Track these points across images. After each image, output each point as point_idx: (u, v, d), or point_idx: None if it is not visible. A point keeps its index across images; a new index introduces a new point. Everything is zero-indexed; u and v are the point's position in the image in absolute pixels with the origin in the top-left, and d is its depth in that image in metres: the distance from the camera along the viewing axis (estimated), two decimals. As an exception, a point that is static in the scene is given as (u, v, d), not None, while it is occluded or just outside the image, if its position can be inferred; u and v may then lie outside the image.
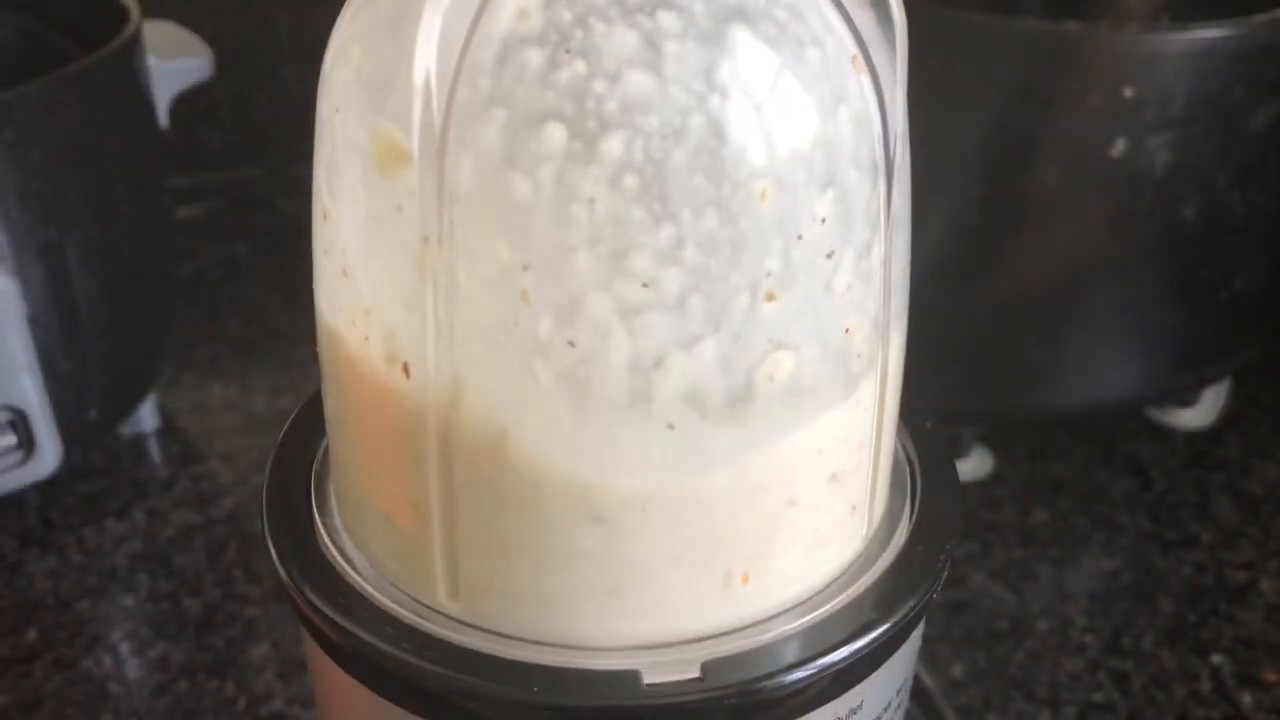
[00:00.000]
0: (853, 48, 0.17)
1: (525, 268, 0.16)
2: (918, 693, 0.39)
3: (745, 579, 0.18)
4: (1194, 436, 0.55)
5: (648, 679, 0.18)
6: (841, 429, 0.18)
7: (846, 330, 0.18)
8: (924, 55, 0.47)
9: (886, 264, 0.18)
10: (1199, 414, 0.55)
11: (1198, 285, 0.48)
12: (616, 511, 0.17)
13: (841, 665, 0.18)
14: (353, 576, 0.19)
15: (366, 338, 0.18)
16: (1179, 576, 0.47)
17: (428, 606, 0.19)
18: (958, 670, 0.43)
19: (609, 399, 0.16)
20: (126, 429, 0.54)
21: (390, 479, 0.19)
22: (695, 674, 0.18)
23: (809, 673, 0.18)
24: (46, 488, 0.50)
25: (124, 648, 0.44)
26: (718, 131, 0.16)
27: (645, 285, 0.16)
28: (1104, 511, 0.50)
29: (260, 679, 0.42)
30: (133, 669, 0.43)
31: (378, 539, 0.19)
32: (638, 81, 0.15)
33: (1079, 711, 0.41)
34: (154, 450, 0.53)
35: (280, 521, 0.20)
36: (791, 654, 0.18)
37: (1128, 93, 0.43)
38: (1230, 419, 0.55)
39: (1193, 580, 0.47)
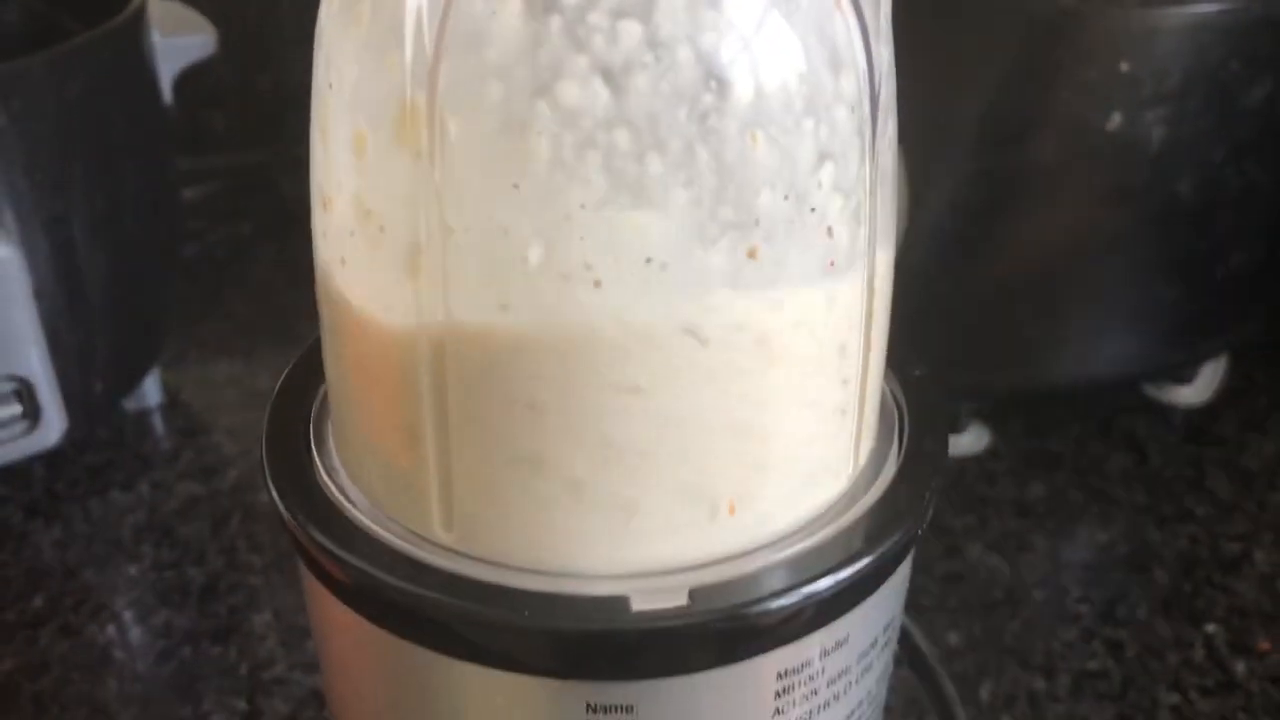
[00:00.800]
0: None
1: (515, 185, 0.16)
2: (914, 659, 0.39)
3: (732, 509, 0.19)
4: (1191, 413, 0.55)
5: (636, 605, 0.18)
6: (826, 361, 0.19)
7: (831, 264, 0.18)
8: (924, 30, 0.47)
9: (874, 189, 0.18)
10: (1196, 391, 0.56)
11: (1194, 260, 0.49)
12: (606, 440, 0.18)
13: (826, 595, 0.19)
14: (351, 511, 0.20)
15: (359, 276, 0.18)
16: (1174, 549, 0.47)
17: (423, 538, 0.19)
18: (954, 638, 0.43)
19: (597, 323, 0.17)
20: (131, 404, 0.54)
21: (385, 414, 0.19)
22: (683, 601, 0.18)
23: (793, 600, 0.18)
24: (52, 460, 0.51)
25: (128, 615, 0.44)
26: (706, 62, 0.16)
27: (635, 204, 0.16)
28: (1100, 486, 0.50)
29: (263, 646, 0.43)
30: (137, 636, 0.44)
31: (374, 475, 0.20)
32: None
33: (1073, 679, 0.42)
34: (158, 424, 0.54)
35: (280, 462, 0.21)
36: (777, 582, 0.18)
37: (1124, 67, 0.43)
38: (1227, 396, 0.56)
39: (1187, 552, 0.47)
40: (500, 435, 0.18)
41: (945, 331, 0.49)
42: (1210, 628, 0.44)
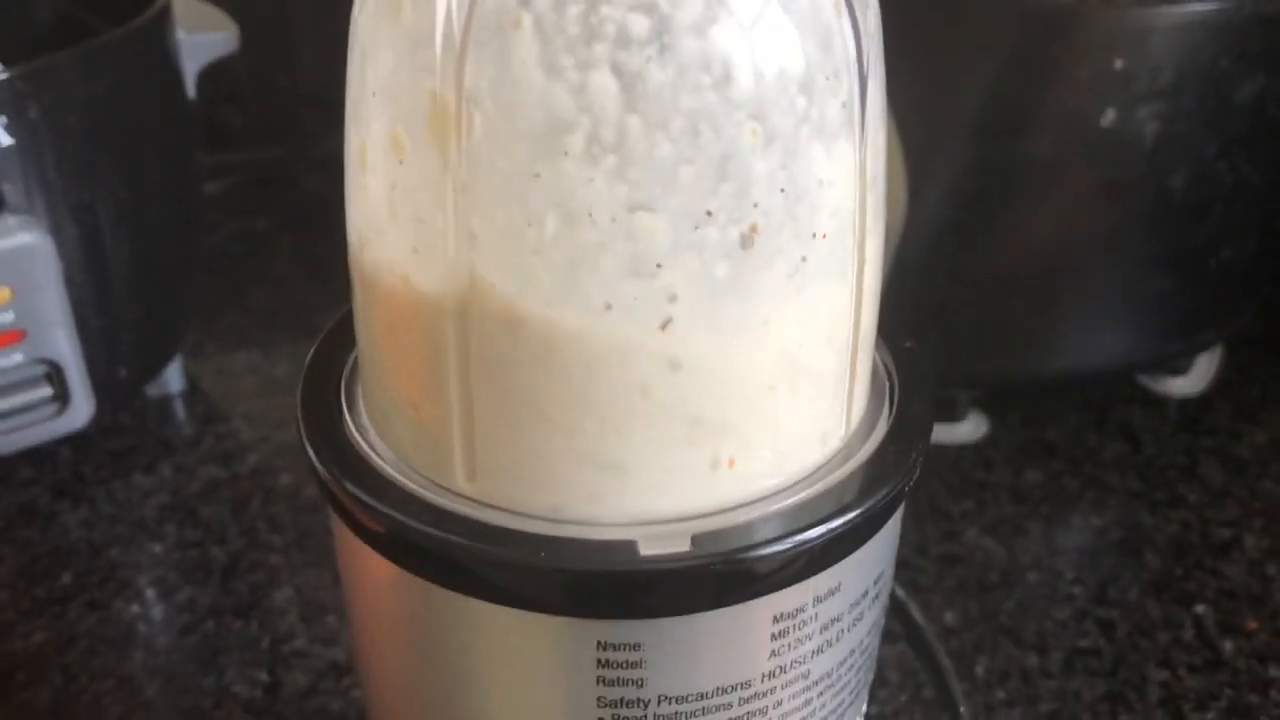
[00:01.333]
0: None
1: (537, 175, 0.18)
2: (911, 635, 0.41)
3: (731, 463, 0.20)
4: (1185, 403, 0.56)
5: (644, 549, 0.20)
6: (820, 325, 0.20)
7: (824, 235, 0.20)
8: (923, 27, 0.49)
9: (862, 164, 0.20)
10: (1190, 382, 0.57)
11: (1187, 254, 0.50)
12: (616, 402, 0.19)
13: (818, 543, 0.20)
14: (380, 464, 0.21)
15: (388, 236, 0.20)
16: (1165, 533, 0.49)
17: (447, 489, 0.21)
18: (950, 617, 0.45)
19: (612, 285, 0.18)
20: (153, 390, 0.56)
21: (413, 375, 0.21)
22: (686, 546, 0.20)
23: (788, 547, 0.20)
24: (78, 444, 0.52)
25: (152, 592, 0.46)
26: (707, 50, 0.18)
27: (639, 189, 0.18)
28: (1094, 473, 0.52)
29: (283, 620, 0.44)
30: (161, 611, 0.45)
31: (402, 431, 0.21)
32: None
33: (1065, 656, 0.43)
34: (179, 410, 0.56)
35: (314, 419, 0.22)
36: (773, 530, 0.20)
37: (1118, 64, 0.45)
38: (1221, 386, 0.57)
39: (1179, 537, 0.49)
40: (518, 396, 0.20)
41: (944, 322, 0.51)
42: (1200, 609, 0.45)
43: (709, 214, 0.18)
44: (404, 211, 0.19)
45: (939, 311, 0.50)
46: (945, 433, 0.54)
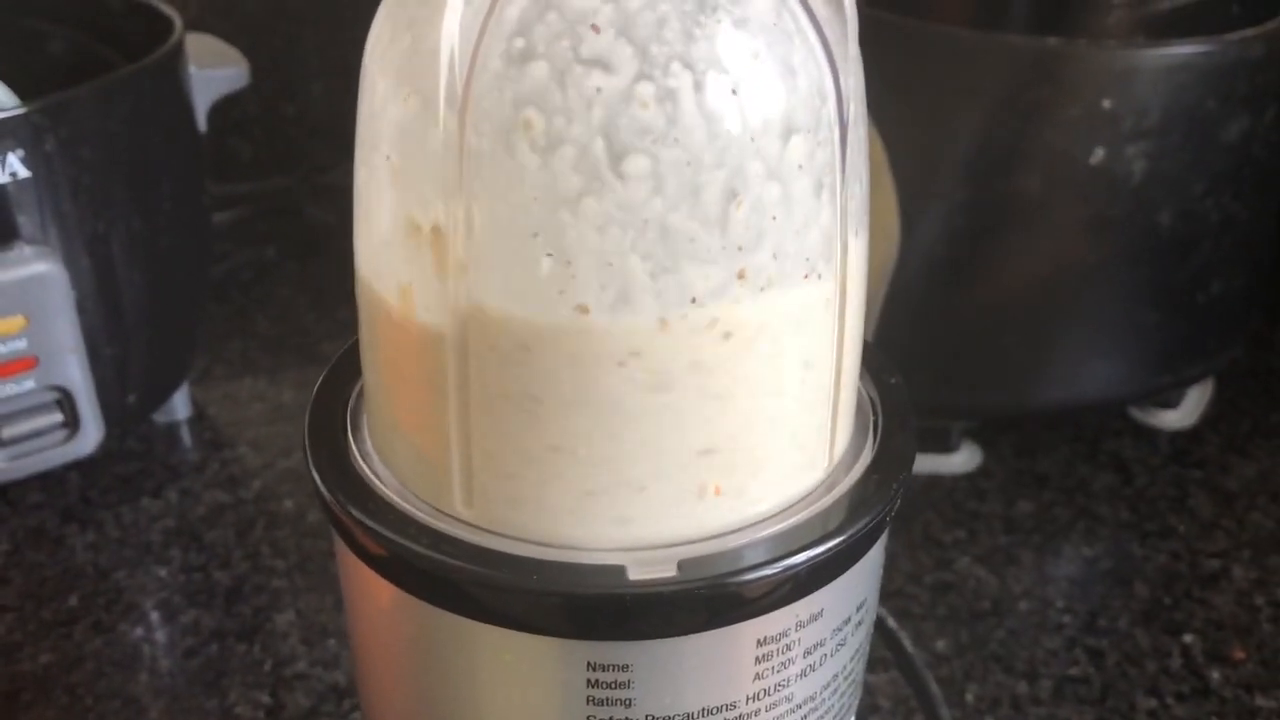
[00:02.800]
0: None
1: (535, 199, 0.19)
2: (901, 662, 0.42)
3: (718, 491, 0.21)
4: (1175, 436, 0.57)
5: (632, 574, 0.20)
6: (806, 360, 0.21)
7: (805, 276, 0.21)
8: (915, 68, 0.50)
9: (843, 192, 0.21)
10: (1181, 415, 0.58)
11: (1175, 289, 0.51)
12: (606, 433, 0.20)
13: (801, 569, 0.21)
14: (381, 489, 0.22)
15: (393, 274, 0.21)
16: (1155, 564, 0.50)
17: (446, 514, 0.22)
18: (941, 645, 0.45)
19: (605, 321, 0.19)
20: (161, 417, 0.57)
21: (413, 404, 0.22)
22: (673, 571, 0.21)
23: (771, 572, 0.21)
24: (86, 469, 0.53)
25: (158, 614, 0.47)
26: (697, 91, 0.19)
27: (623, 227, 0.19)
28: (1085, 504, 0.53)
29: (286, 644, 0.45)
30: (166, 633, 0.46)
31: (403, 457, 0.22)
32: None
33: (1054, 684, 0.44)
34: (186, 436, 0.57)
35: (319, 445, 0.23)
36: (757, 557, 0.21)
37: (1106, 104, 0.46)
38: (1211, 419, 0.58)
39: (1168, 567, 0.49)
40: (514, 425, 0.21)
41: (939, 355, 0.52)
42: (1188, 638, 0.46)
43: (695, 242, 0.19)
44: (406, 246, 0.20)
45: (933, 345, 0.51)
46: (939, 463, 0.55)
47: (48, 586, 0.48)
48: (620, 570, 0.20)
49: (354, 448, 0.23)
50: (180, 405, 0.57)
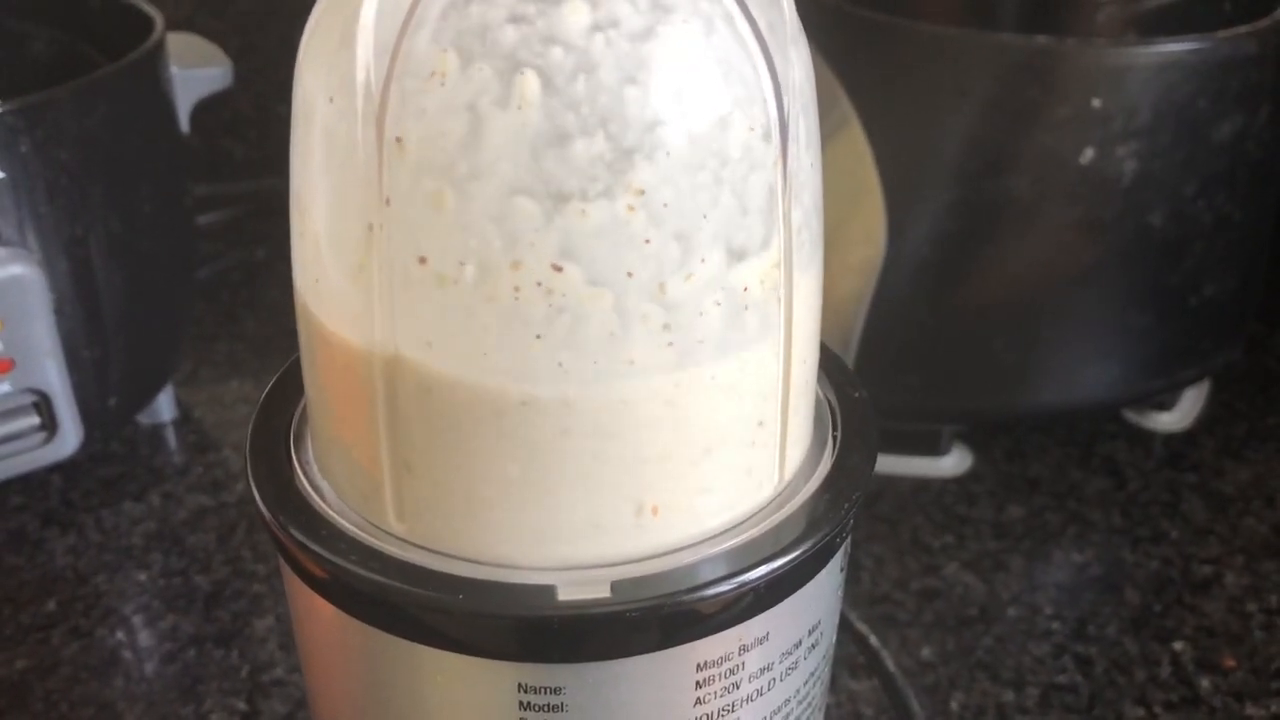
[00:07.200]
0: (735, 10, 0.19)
1: (464, 226, 0.19)
2: (882, 675, 0.41)
3: (655, 511, 0.21)
4: (1169, 439, 0.56)
5: (563, 594, 0.20)
6: (747, 383, 0.21)
7: (745, 289, 0.20)
8: (904, 68, 0.49)
9: (787, 217, 0.20)
10: (1176, 418, 0.57)
11: (1168, 291, 0.50)
12: (536, 444, 0.20)
13: (736, 594, 0.20)
14: (318, 503, 0.22)
15: (324, 297, 0.20)
16: (1146, 570, 0.49)
17: (380, 528, 0.21)
18: (926, 652, 0.45)
19: (532, 345, 0.19)
20: (145, 419, 0.57)
21: (346, 418, 0.21)
22: (605, 593, 0.20)
23: (706, 595, 0.20)
24: (68, 471, 0.53)
25: (136, 619, 0.47)
26: (620, 92, 0.18)
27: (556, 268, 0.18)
28: (1077, 509, 0.52)
29: (264, 649, 0.45)
30: (144, 639, 0.46)
31: (340, 471, 0.22)
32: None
33: (1041, 692, 0.43)
34: (171, 439, 0.56)
35: (260, 457, 0.23)
36: (693, 579, 0.20)
37: (1096, 104, 0.45)
38: (1206, 422, 0.57)
39: (1159, 573, 0.49)
40: (442, 443, 0.20)
41: (928, 357, 0.51)
42: (1178, 645, 0.45)
43: (630, 275, 0.19)
44: (334, 265, 0.20)
45: (923, 348, 0.51)
46: (929, 466, 0.54)
47: (26, 591, 0.47)
48: (550, 590, 0.20)
49: (296, 460, 0.23)
50: (165, 407, 0.57)
